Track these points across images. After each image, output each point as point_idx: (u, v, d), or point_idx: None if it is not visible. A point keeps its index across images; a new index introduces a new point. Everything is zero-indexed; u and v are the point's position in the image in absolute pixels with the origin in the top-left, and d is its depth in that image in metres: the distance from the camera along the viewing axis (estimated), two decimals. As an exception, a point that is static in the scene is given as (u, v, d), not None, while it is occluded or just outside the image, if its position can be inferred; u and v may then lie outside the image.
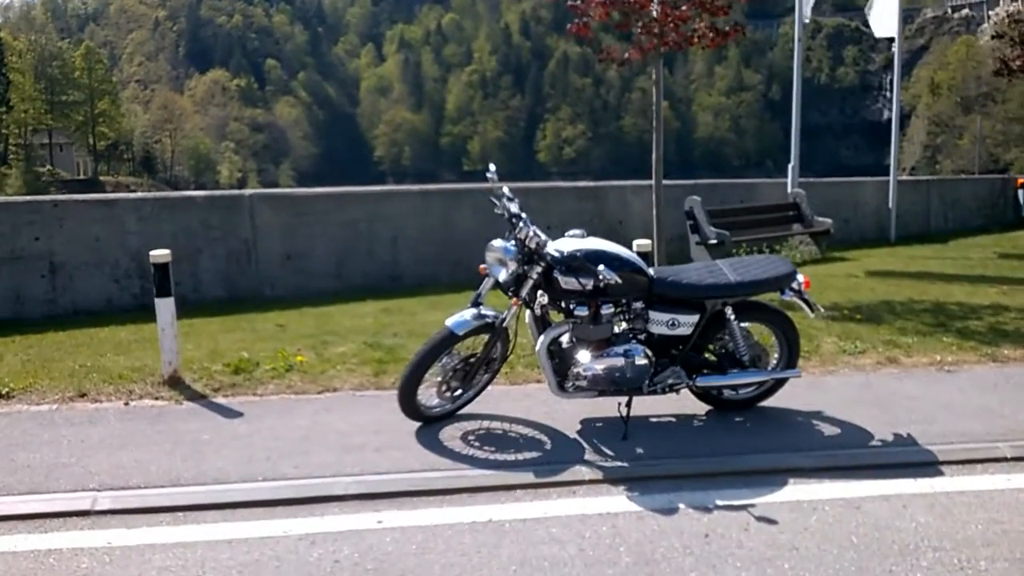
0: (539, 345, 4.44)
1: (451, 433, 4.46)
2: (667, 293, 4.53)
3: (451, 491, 3.81)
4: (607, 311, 4.41)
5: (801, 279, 4.73)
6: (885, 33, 16.03)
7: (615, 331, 4.50)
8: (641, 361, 4.43)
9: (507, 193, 4.59)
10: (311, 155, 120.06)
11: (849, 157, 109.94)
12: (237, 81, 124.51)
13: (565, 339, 4.48)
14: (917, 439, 4.41)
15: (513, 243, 4.44)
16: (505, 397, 5.04)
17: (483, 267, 4.54)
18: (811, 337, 6.26)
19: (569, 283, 4.34)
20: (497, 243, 4.48)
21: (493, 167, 4.78)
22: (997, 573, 3.13)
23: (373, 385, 5.35)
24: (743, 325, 4.71)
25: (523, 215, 4.47)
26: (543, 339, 4.43)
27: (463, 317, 4.43)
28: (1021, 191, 19.64)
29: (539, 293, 4.38)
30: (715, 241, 10.95)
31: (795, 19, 13.67)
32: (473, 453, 4.21)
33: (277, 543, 3.37)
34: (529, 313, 4.55)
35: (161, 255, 5.28)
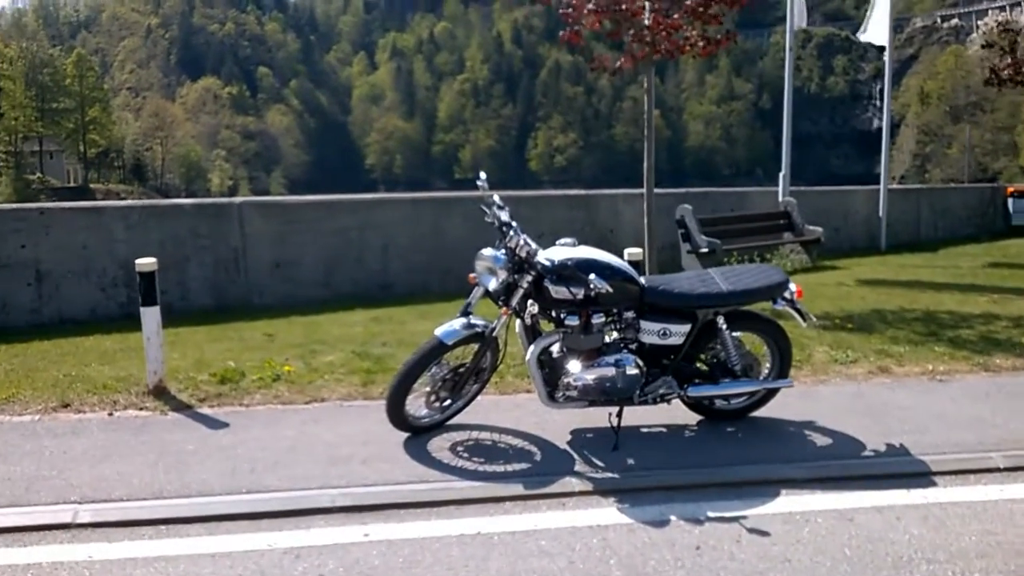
0: (529, 355, 4.40)
1: (440, 444, 4.41)
2: (658, 302, 4.50)
3: (439, 503, 3.76)
4: (598, 320, 4.38)
5: (793, 288, 4.71)
6: (877, 40, 16.11)
7: (606, 341, 4.47)
8: (632, 371, 4.40)
9: (497, 201, 4.55)
10: (303, 163, 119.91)
11: (839, 166, 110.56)
12: (229, 89, 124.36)
13: (555, 349, 4.44)
14: (910, 449, 4.39)
15: (503, 252, 4.40)
16: (495, 407, 5.00)
17: (473, 276, 4.50)
18: (803, 346, 6.24)
19: (560, 292, 4.30)
20: (487, 252, 4.44)
21: (483, 175, 4.75)
22: (992, 586, 3.10)
23: (361, 395, 5.30)
24: (735, 334, 4.68)
25: (513, 223, 4.43)
26: (533, 349, 4.39)
27: (452, 327, 4.39)
28: (1011, 200, 19.73)
29: (529, 302, 4.34)
30: (706, 250, 10.96)
31: (786, 28, 13.72)
32: (462, 464, 4.16)
33: (261, 557, 3.31)
34: (519, 322, 4.51)
35: (147, 263, 5.22)
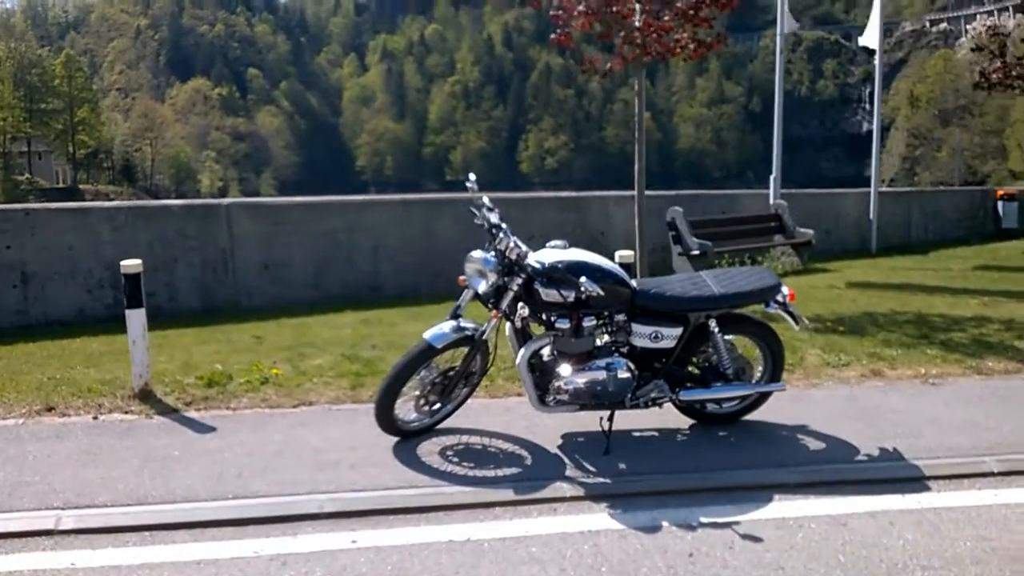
0: (519, 358, 4.35)
1: (429, 448, 4.36)
2: (650, 305, 4.47)
3: (428, 509, 3.71)
4: (589, 324, 4.34)
5: (786, 291, 4.68)
6: (869, 43, 16.16)
7: (597, 344, 4.43)
8: (623, 375, 4.36)
9: (487, 203, 4.50)
10: (293, 164, 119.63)
11: (829, 169, 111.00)
12: (219, 90, 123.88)
13: (546, 352, 4.40)
14: (903, 454, 4.36)
15: (493, 254, 4.35)
16: (485, 411, 4.95)
17: (462, 279, 4.45)
18: (795, 349, 6.21)
19: (550, 295, 4.25)
20: (477, 254, 4.39)
21: (473, 176, 4.70)
22: (987, 593, 3.07)
23: (350, 399, 5.24)
24: (727, 338, 4.65)
25: (503, 225, 4.39)
26: (524, 352, 4.34)
27: (442, 330, 4.34)
28: (1001, 203, 19.79)
29: (520, 305, 4.30)
30: (697, 252, 10.95)
31: (776, 32, 13.72)
32: (451, 469, 4.11)
33: (247, 564, 3.26)
34: (509, 326, 4.46)
35: (132, 265, 5.15)
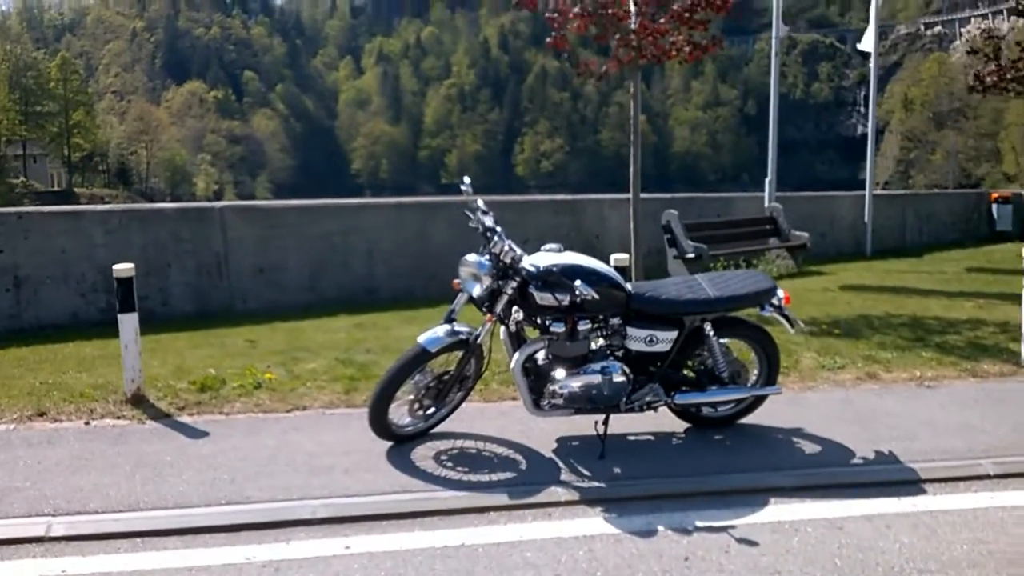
0: (514, 362, 4.33)
1: (423, 453, 4.33)
2: (645, 309, 4.45)
3: (422, 514, 3.69)
4: (584, 327, 4.32)
5: (781, 294, 4.67)
6: (867, 48, 16.19)
7: (592, 348, 4.41)
8: (618, 378, 4.34)
9: (481, 206, 4.48)
10: (288, 167, 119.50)
11: (824, 172, 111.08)
12: (214, 93, 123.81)
13: (541, 356, 4.38)
14: (899, 457, 4.35)
15: (487, 257, 4.33)
16: (479, 415, 4.93)
17: (456, 282, 4.43)
18: (790, 352, 6.20)
19: (545, 299, 4.23)
20: (471, 257, 4.37)
21: (467, 179, 4.67)
22: (984, 597, 3.05)
23: (344, 403, 5.21)
24: (722, 341, 4.63)
25: (498, 229, 4.37)
26: (518, 356, 4.32)
27: (436, 334, 4.31)
28: (995, 206, 19.81)
29: (514, 309, 4.28)
30: (693, 255, 10.93)
31: (772, 35, 13.73)
32: (446, 474, 4.09)
33: (240, 571, 3.23)
34: (504, 329, 4.44)
35: (124, 269, 5.12)
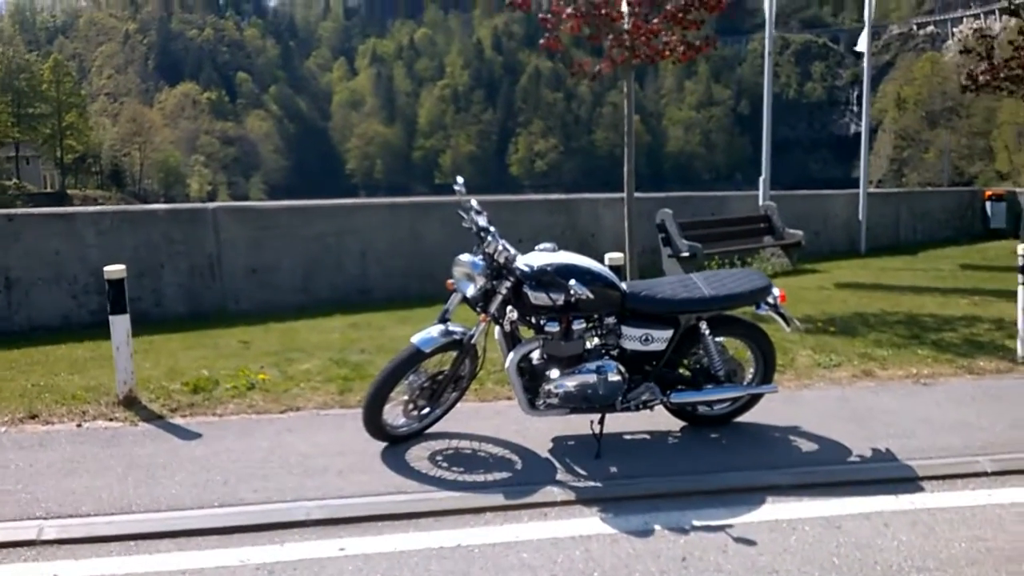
0: (509, 362, 4.31)
1: (418, 453, 4.31)
2: (640, 308, 4.43)
3: (418, 515, 3.66)
4: (579, 327, 4.30)
5: (777, 293, 4.65)
6: (862, 49, 16.22)
7: (587, 347, 4.39)
8: (614, 377, 4.32)
9: (475, 206, 4.46)
10: (282, 168, 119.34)
11: (817, 170, 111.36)
12: (208, 94, 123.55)
13: (536, 356, 4.35)
14: (896, 454, 4.34)
15: (481, 257, 4.31)
16: (474, 415, 4.90)
17: (450, 282, 4.41)
18: (786, 350, 6.18)
19: (539, 298, 4.21)
20: (465, 257, 4.35)
21: (460, 179, 4.65)
22: (983, 595, 3.04)
23: (338, 404, 5.18)
24: (718, 340, 4.61)
25: (492, 228, 4.34)
26: (513, 356, 4.30)
27: (430, 334, 4.29)
28: (989, 203, 19.85)
29: (508, 309, 4.26)
30: (687, 254, 10.91)
31: (765, 35, 13.72)
32: (441, 474, 4.06)
33: (233, 573, 3.20)
34: (498, 329, 4.42)
35: (116, 271, 5.08)
